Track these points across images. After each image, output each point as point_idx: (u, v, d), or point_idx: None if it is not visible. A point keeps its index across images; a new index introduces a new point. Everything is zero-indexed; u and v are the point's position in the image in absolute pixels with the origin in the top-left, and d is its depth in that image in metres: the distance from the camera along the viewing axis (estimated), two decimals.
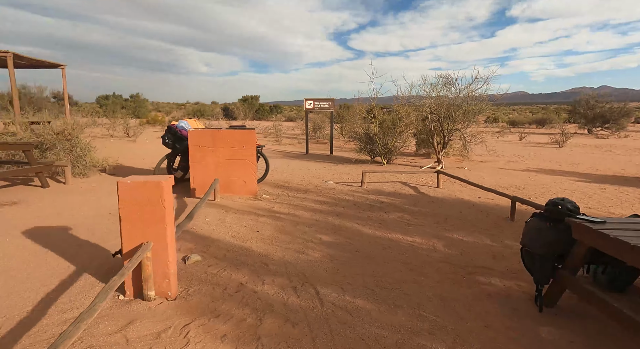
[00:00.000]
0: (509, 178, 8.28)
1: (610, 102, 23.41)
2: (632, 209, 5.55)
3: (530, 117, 33.85)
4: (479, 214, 5.28)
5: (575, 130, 22.94)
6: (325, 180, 7.70)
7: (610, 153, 12.91)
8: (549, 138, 17.27)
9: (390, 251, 3.85)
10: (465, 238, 4.28)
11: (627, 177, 8.42)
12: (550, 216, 2.65)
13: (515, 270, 3.40)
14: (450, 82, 10.20)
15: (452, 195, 6.54)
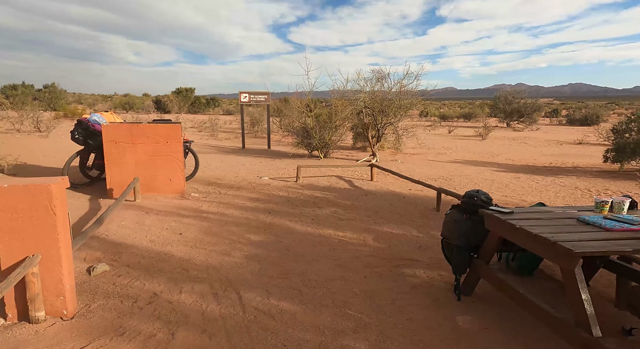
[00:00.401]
0: (437, 169, 8.70)
1: (525, 98, 25.83)
2: (540, 196, 6.08)
3: (458, 111, 36.19)
4: (408, 206, 5.43)
5: (496, 124, 24.95)
6: (260, 176, 7.47)
7: (525, 145, 14.18)
8: (474, 131, 18.56)
9: (320, 248, 3.79)
10: (394, 231, 4.36)
11: (538, 167, 9.27)
12: (467, 208, 2.73)
13: (438, 260, 3.51)
14: (383, 77, 10.46)
15: (385, 187, 6.69)
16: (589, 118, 26.46)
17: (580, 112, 30.57)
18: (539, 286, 2.98)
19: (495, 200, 5.83)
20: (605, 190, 6.64)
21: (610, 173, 8.15)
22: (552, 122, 29.57)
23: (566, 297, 1.86)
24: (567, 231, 2.03)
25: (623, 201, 2.36)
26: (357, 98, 10.06)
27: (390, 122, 10.37)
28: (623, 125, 8.54)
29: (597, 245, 1.82)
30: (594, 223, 2.13)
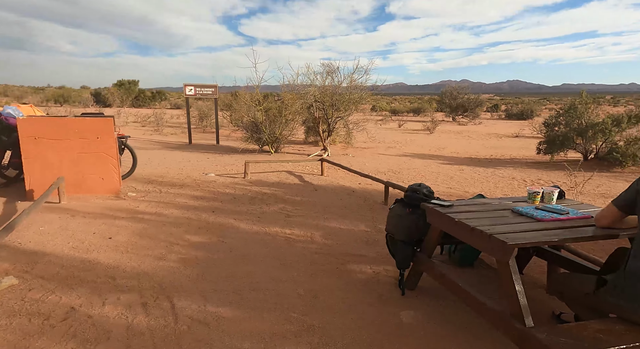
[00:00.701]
0: (387, 163, 8.84)
1: (468, 94, 27.22)
2: (481, 188, 6.35)
3: (408, 106, 37.36)
4: (358, 200, 5.42)
5: (443, 118, 26.02)
6: (206, 173, 7.13)
7: (468, 138, 14.89)
8: (422, 125, 19.21)
9: (266, 248, 3.63)
10: (343, 226, 4.31)
11: (480, 159, 9.73)
12: (409, 202, 2.71)
13: (384, 254, 3.49)
14: (333, 70, 10.41)
15: (335, 182, 6.65)
16: (525, 113, 28.42)
17: (517, 107, 32.79)
18: (479, 276, 3.05)
19: (440, 192, 6.00)
20: (538, 179, 7.09)
21: (542, 164, 8.74)
22: (492, 116, 31.39)
23: (501, 288, 1.87)
24: (502, 223, 2.05)
25: (552, 192, 2.45)
26: (308, 92, 9.93)
27: (341, 116, 10.37)
28: (553, 119, 9.18)
29: (529, 236, 1.84)
30: (526, 214, 2.17)
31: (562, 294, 2.02)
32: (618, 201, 1.86)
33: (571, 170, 6.75)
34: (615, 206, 1.87)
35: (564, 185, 6.54)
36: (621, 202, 1.84)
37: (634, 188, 1.78)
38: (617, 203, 1.86)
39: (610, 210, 1.89)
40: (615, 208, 1.87)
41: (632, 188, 1.78)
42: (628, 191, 1.81)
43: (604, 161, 8.22)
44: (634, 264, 1.68)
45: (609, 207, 1.90)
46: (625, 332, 1.61)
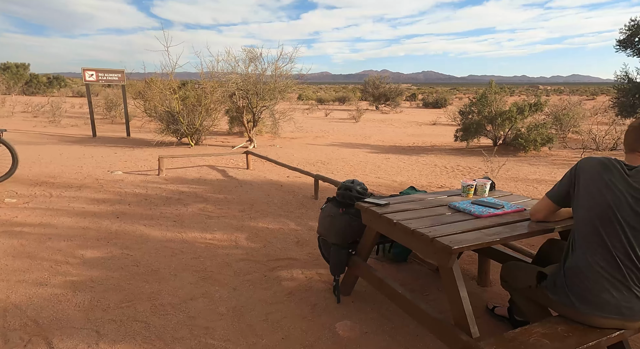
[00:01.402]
0: (316, 153, 8.64)
1: (389, 84, 28.34)
2: (408, 176, 6.44)
3: (333, 95, 37.83)
4: (287, 195, 5.10)
5: (367, 107, 26.77)
6: (112, 170, 6.23)
7: (391, 126, 15.40)
8: (348, 114, 19.45)
9: (181, 258, 3.15)
10: (271, 225, 3.96)
11: (404, 147, 10.02)
12: (342, 201, 2.46)
13: (316, 256, 3.23)
14: (256, 57, 9.84)
15: (262, 176, 6.24)
16: (439, 101, 30.45)
17: (432, 96, 35.07)
18: (414, 272, 2.95)
19: (369, 182, 5.94)
20: (457, 165, 7.43)
21: (460, 150, 9.26)
22: (411, 105, 33.18)
23: (445, 293, 1.70)
24: (442, 222, 1.88)
25: (485, 184, 2.38)
26: (229, 80, 9.26)
27: (266, 105, 9.89)
28: (467, 108, 9.75)
29: (472, 237, 1.69)
30: (464, 210, 2.05)
31: (506, 283, 1.93)
32: (552, 194, 1.78)
33: (487, 156, 7.19)
34: (549, 199, 1.79)
35: (479, 171, 6.94)
36: (555, 195, 1.77)
37: (567, 180, 1.70)
38: (552, 195, 1.78)
39: (544, 203, 1.82)
40: (550, 201, 1.79)
41: (566, 181, 1.71)
42: (561, 184, 1.73)
43: (510, 146, 8.96)
44: (572, 261, 1.60)
45: (544, 200, 1.82)
46: (568, 334, 1.53)
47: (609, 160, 1.58)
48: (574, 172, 1.68)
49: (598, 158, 1.62)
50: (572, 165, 6.79)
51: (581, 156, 8.14)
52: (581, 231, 1.59)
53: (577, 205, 1.63)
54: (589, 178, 1.60)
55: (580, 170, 1.64)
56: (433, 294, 2.63)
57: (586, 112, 13.52)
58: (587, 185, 1.59)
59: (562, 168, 7.00)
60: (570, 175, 1.69)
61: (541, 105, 8.73)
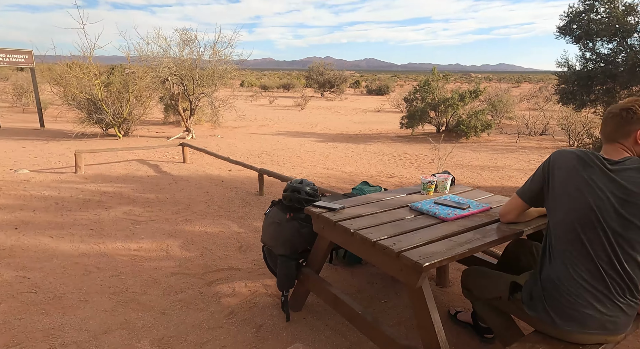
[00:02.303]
0: (260, 143, 8.16)
1: (333, 71, 28.20)
2: (356, 166, 6.24)
3: (278, 81, 36.95)
4: (229, 192, 4.64)
5: (312, 94, 26.43)
6: (16, 169, 5.29)
7: (337, 114, 15.23)
8: (293, 101, 18.98)
9: (97, 277, 2.62)
10: (210, 229, 3.51)
11: (350, 135, 9.86)
12: (290, 204, 2.11)
13: (261, 263, 2.87)
14: (191, 40, 9.02)
15: (200, 170, 5.68)
16: (382, 88, 30.93)
17: (375, 83, 35.60)
18: (370, 276, 2.70)
19: (318, 173, 5.65)
20: (404, 153, 7.39)
21: (405, 137, 9.29)
22: (355, 92, 33.41)
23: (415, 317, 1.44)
24: (406, 229, 1.61)
25: (446, 180, 2.16)
26: (160, 64, 8.38)
27: (205, 92, 9.15)
28: (411, 95, 9.80)
29: (442, 248, 1.44)
30: (427, 212, 1.80)
31: (469, 291, 1.71)
32: (523, 193, 1.58)
33: (435, 144, 7.22)
34: (520, 198, 1.59)
35: (426, 158, 6.95)
36: (526, 193, 1.57)
37: (538, 177, 1.50)
38: (522, 194, 1.58)
39: (515, 203, 1.62)
40: (521, 200, 1.59)
41: (537, 178, 1.51)
42: (533, 181, 1.53)
43: (452, 133, 9.15)
44: (550, 271, 1.40)
45: (514, 200, 1.62)
46: None
47: (585, 153, 1.39)
48: (547, 167, 1.47)
49: (573, 151, 1.42)
50: (511, 151, 6.89)
51: (517, 141, 8.53)
52: (559, 237, 1.39)
53: (552, 207, 1.43)
54: (564, 175, 1.39)
55: (554, 166, 1.44)
56: (391, 301, 2.40)
57: (514, 99, 14.36)
58: (563, 184, 1.39)
59: (502, 153, 7.24)
60: (543, 171, 1.49)
61: (480, 92, 8.99)
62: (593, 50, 3.85)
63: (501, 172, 5.85)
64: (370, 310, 2.29)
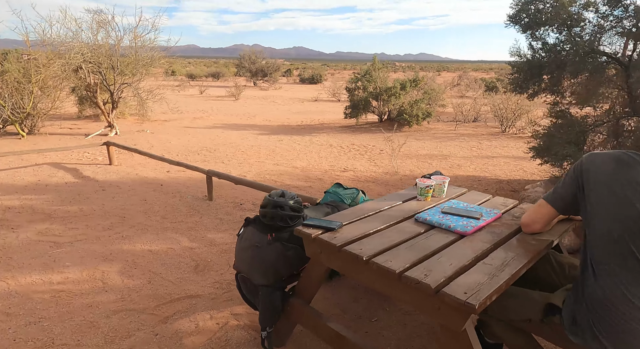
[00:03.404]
0: (198, 138, 7.44)
1: (266, 59, 27.35)
2: (307, 160, 5.92)
3: (205, 70, 34.96)
4: (171, 198, 4.05)
5: (245, 83, 25.36)
6: None
7: (274, 104, 14.71)
8: (226, 91, 17.97)
9: (5, 328, 2.00)
10: (155, 246, 2.97)
11: (293, 126, 9.49)
12: (271, 223, 1.73)
13: (225, 285, 2.45)
14: (107, 22, 7.87)
15: (132, 173, 4.94)
16: (315, 77, 30.76)
17: (308, 72, 35.34)
18: (352, 289, 2.43)
19: (268, 170, 5.23)
20: (352, 144, 7.23)
21: (350, 127, 9.17)
22: (288, 81, 32.85)
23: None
24: (427, 252, 1.35)
25: (443, 183, 1.94)
26: (71, 49, 7.19)
27: (128, 82, 8.09)
28: (352, 84, 9.68)
29: (481, 276, 1.20)
30: (439, 225, 1.56)
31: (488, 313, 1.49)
32: (554, 200, 1.40)
33: (388, 134, 7.15)
34: (551, 206, 1.40)
35: (374, 149, 6.86)
36: (558, 200, 1.38)
37: (570, 181, 1.32)
38: (555, 202, 1.40)
39: (545, 212, 1.43)
40: (552, 209, 1.41)
41: (569, 182, 1.33)
42: (564, 186, 1.35)
43: (395, 122, 9.24)
44: (596, 288, 1.23)
45: (543, 208, 1.43)
46: None
47: (624, 153, 1.22)
48: (578, 171, 1.29)
49: (608, 153, 1.25)
50: (451, 138, 7.01)
51: (455, 128, 8.86)
52: (604, 250, 1.21)
53: (591, 216, 1.24)
54: (602, 180, 1.21)
55: (587, 169, 1.26)
56: (382, 320, 2.15)
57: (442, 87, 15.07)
58: (602, 190, 1.21)
59: (444, 141, 7.42)
60: (574, 175, 1.30)
61: (419, 81, 9.15)
62: (541, 40, 3.93)
63: (449, 160, 5.95)
64: (361, 334, 2.02)
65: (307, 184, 4.67)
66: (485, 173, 5.17)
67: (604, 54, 3.59)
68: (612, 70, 3.62)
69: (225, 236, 3.16)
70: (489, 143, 7.22)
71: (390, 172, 5.32)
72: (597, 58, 3.56)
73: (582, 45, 3.54)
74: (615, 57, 3.60)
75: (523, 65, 3.93)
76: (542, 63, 3.82)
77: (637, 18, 3.38)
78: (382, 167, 5.59)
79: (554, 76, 3.81)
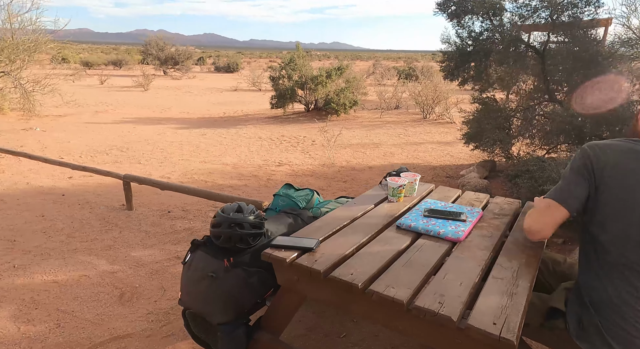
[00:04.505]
0: (104, 136, 6.45)
1: (176, 46, 25.30)
2: (238, 155, 5.48)
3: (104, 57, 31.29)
4: (78, 211, 3.35)
5: (154, 72, 23.19)
6: None
7: (190, 94, 13.64)
8: (132, 81, 16.16)
9: None
10: (62, 275, 2.38)
11: (215, 118, 8.83)
12: (228, 246, 1.39)
13: (162, 316, 2.03)
14: None
15: (22, 182, 4.04)
16: (232, 66, 29.39)
17: (222, 60, 33.66)
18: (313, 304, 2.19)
19: (195, 170, 4.70)
20: (282, 136, 6.93)
21: (277, 118, 8.82)
22: (202, 69, 30.98)
23: None
24: (427, 270, 1.15)
25: (415, 180, 1.77)
26: None
27: (5, 71, 6.68)
28: (277, 72, 9.29)
29: (502, 298, 1.04)
30: (427, 232, 1.38)
31: None
32: (565, 200, 1.18)
33: (322, 124, 6.93)
34: (564, 206, 1.18)
35: (305, 140, 6.65)
36: (573, 201, 1.17)
37: (578, 178, 1.16)
38: (565, 202, 1.18)
39: (556, 214, 1.19)
40: (565, 211, 1.18)
41: (577, 179, 1.16)
42: (575, 184, 1.16)
43: (322, 111, 9.12)
44: (603, 292, 1.14)
45: (555, 209, 1.19)
46: None
47: (635, 143, 1.11)
48: (589, 165, 1.13)
49: (615, 143, 1.13)
50: (378, 126, 7.06)
51: (381, 116, 9.04)
52: (621, 252, 1.10)
53: (603, 216, 1.13)
54: (622, 175, 1.09)
55: (601, 163, 1.11)
56: (351, 334, 1.95)
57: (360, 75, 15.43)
58: (623, 187, 1.08)
59: (372, 129, 7.50)
60: (585, 170, 1.14)
61: (344, 69, 9.12)
62: (466, 28, 4.03)
63: (381, 148, 5.99)
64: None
65: (242, 182, 4.28)
66: (418, 160, 5.29)
67: (524, 42, 3.80)
68: (531, 59, 3.85)
69: (155, 253, 2.68)
70: (414, 130, 7.48)
71: (326, 163, 5.15)
72: (519, 47, 3.75)
73: (507, 35, 3.70)
74: (533, 46, 3.84)
75: (454, 53, 4.00)
76: (471, 51, 3.92)
77: (551, 9, 3.61)
78: (318, 158, 5.40)
79: (482, 64, 3.94)
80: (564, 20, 3.55)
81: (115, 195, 3.68)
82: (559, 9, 3.44)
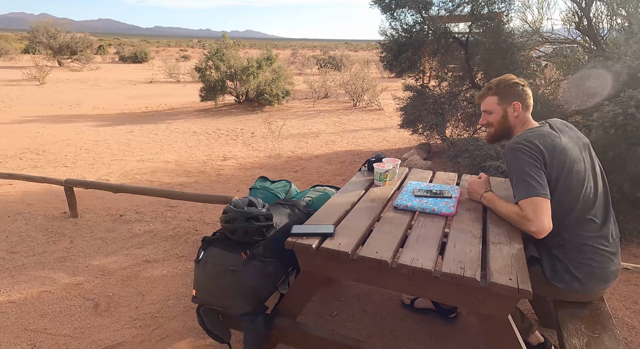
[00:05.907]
0: (8, 138, 5.62)
1: (71, 33, 22.47)
2: (178, 152, 5.22)
3: None
4: (10, 224, 2.95)
5: (47, 63, 20.38)
6: None
7: (99, 88, 12.37)
8: (22, 73, 14.06)
9: None
10: (17, 294, 2.13)
11: (137, 113, 8.20)
12: (243, 240, 1.42)
13: (150, 319, 1.96)
14: None
15: None
16: (139, 55, 27.02)
17: (127, 49, 30.75)
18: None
19: (136, 169, 4.41)
20: (218, 130, 6.73)
21: (208, 111, 8.48)
22: (104, 59, 28.09)
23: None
24: (437, 242, 1.33)
25: (396, 165, 1.95)
26: None
27: None
28: (203, 63, 8.88)
29: (506, 259, 1.25)
30: (423, 210, 1.56)
31: None
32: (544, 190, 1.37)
33: (264, 115, 6.82)
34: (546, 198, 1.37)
35: (244, 132, 6.55)
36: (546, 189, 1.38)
37: (537, 170, 1.39)
38: (545, 192, 1.37)
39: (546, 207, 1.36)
40: (548, 199, 1.37)
41: (537, 171, 1.39)
42: (536, 173, 1.39)
43: (255, 102, 8.99)
44: (565, 239, 1.43)
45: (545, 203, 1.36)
46: None
47: (550, 124, 1.53)
48: (540, 155, 1.41)
49: (540, 131, 1.47)
50: (313, 116, 7.25)
51: (313, 105, 9.21)
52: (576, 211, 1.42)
53: (561, 191, 1.42)
54: (560, 158, 1.42)
55: (546, 151, 1.41)
56: (342, 311, 2.10)
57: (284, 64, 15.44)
58: (561, 166, 1.41)
59: (308, 119, 7.64)
60: (536, 161, 1.40)
61: (273, 59, 9.06)
62: (399, 21, 4.34)
63: (322, 137, 6.17)
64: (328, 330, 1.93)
65: (191, 179, 4.13)
66: (359, 147, 5.58)
67: (451, 35, 4.22)
68: (458, 50, 4.29)
69: (120, 259, 2.51)
70: (347, 118, 7.80)
71: (272, 155, 5.17)
72: (448, 39, 4.16)
73: (437, 27, 4.07)
74: (458, 38, 4.29)
75: (391, 44, 4.28)
76: (405, 43, 4.24)
77: (472, 3, 4.05)
78: (262, 150, 5.39)
79: (416, 55, 4.29)
80: (483, 13, 4.01)
81: (49, 203, 3.30)
82: (480, 3, 3.88)
